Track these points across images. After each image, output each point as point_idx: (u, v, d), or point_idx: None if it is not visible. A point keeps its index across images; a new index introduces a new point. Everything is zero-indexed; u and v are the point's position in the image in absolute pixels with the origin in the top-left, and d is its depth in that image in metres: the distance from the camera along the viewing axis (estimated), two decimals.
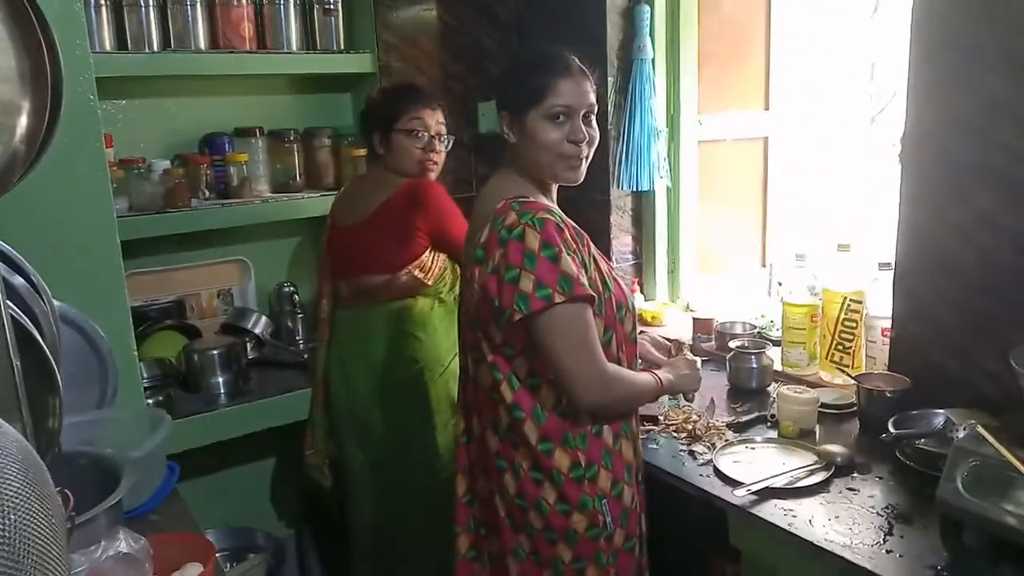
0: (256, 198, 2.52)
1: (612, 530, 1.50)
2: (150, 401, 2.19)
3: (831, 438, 1.77)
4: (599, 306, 1.47)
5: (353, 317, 2.20)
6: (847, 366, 1.99)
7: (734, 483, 1.57)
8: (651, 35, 2.50)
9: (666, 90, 2.60)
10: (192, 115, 2.54)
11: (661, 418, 1.92)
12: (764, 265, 2.84)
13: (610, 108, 2.55)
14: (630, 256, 2.72)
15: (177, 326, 2.47)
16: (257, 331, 2.56)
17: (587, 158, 1.51)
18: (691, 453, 1.75)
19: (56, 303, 1.41)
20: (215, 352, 2.33)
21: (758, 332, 2.30)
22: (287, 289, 2.70)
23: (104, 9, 2.23)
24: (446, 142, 2.15)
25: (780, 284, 2.46)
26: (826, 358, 2.04)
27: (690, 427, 1.84)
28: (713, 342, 2.37)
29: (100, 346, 1.36)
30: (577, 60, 1.51)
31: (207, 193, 2.46)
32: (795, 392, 1.82)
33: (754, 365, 2.07)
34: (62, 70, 0.99)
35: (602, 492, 1.49)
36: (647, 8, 2.49)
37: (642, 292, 2.71)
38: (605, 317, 1.49)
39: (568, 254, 1.40)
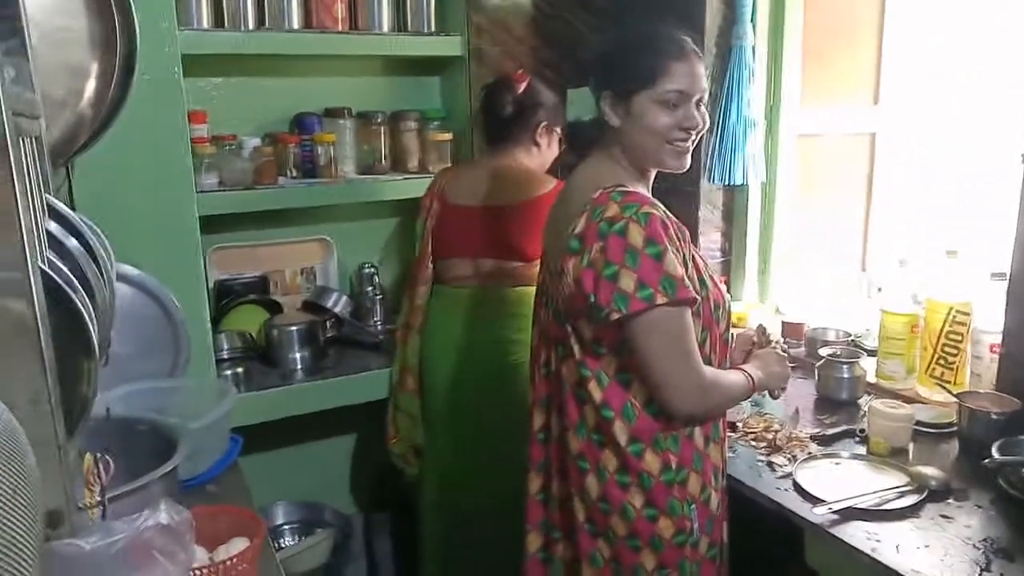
0: (341, 178, 2.53)
1: (698, 537, 1.43)
2: (228, 373, 2.25)
3: (926, 459, 1.64)
4: (698, 307, 1.39)
5: (468, 296, 2.14)
6: (948, 382, 1.83)
7: (814, 500, 1.47)
8: (753, 21, 2.37)
9: (766, 80, 2.46)
10: (284, 94, 2.57)
11: (740, 425, 1.81)
12: (864, 270, 2.67)
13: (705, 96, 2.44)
14: (718, 253, 2.60)
15: (260, 301, 2.51)
16: (337, 310, 2.57)
17: (694, 144, 1.44)
18: (770, 464, 1.64)
19: (132, 270, 1.44)
20: (294, 328, 2.35)
21: (852, 340, 2.16)
22: (368, 270, 2.71)
23: None
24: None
25: (879, 290, 2.30)
26: (926, 372, 1.88)
27: (770, 436, 1.74)
28: (803, 348, 2.24)
29: (174, 315, 1.38)
30: (691, 41, 1.44)
31: (294, 172, 2.48)
32: (888, 407, 1.69)
33: (845, 375, 1.93)
34: (138, 38, 0.99)
35: (691, 497, 1.42)
36: None
37: (729, 291, 2.58)
38: (703, 318, 1.41)
39: (672, 253, 1.32)
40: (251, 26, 2.35)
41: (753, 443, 1.74)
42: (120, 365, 1.18)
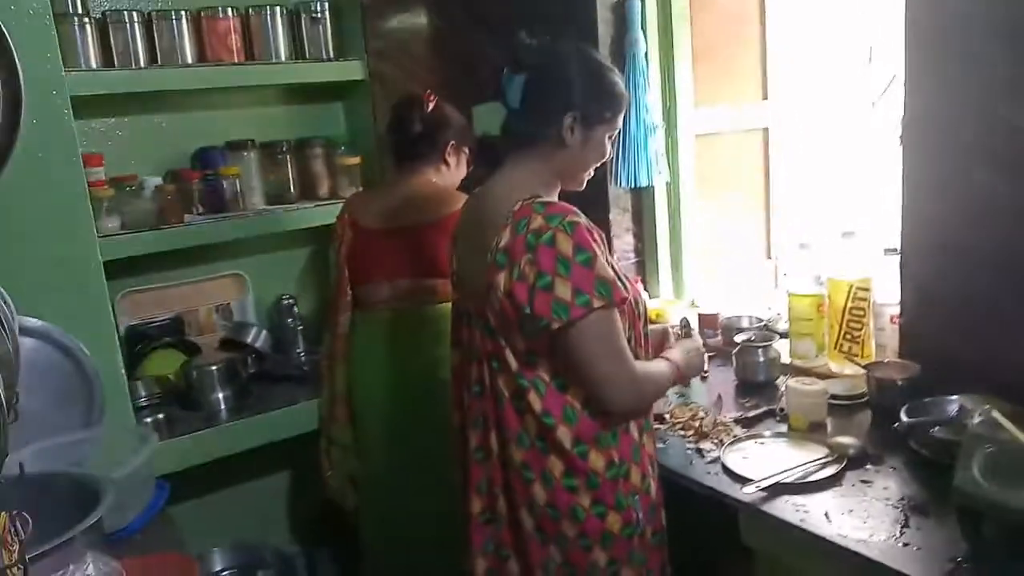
0: (249, 211, 2.49)
1: (643, 527, 1.49)
2: (148, 420, 2.17)
3: (843, 430, 1.72)
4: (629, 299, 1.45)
5: (390, 319, 2.13)
6: (856, 356, 1.93)
7: (743, 480, 1.52)
8: (643, 28, 2.46)
9: (661, 84, 2.55)
10: (184, 130, 2.52)
11: (668, 416, 1.86)
12: (770, 257, 2.79)
13: None
14: (632, 254, 2.67)
15: (176, 343, 2.44)
16: (257, 345, 2.52)
17: None
18: (698, 451, 1.69)
19: (35, 322, 1.38)
20: (214, 368, 2.29)
21: (764, 325, 2.25)
22: (286, 302, 2.67)
23: (88, 27, 2.20)
24: None
25: (785, 276, 2.41)
26: (835, 348, 1.98)
27: (697, 424, 1.79)
28: (719, 337, 2.31)
29: (85, 364, 1.33)
30: None
31: (200, 208, 2.43)
32: (803, 384, 1.77)
33: (760, 359, 2.02)
34: (21, 83, 0.96)
35: (635, 489, 1.47)
36: (638, 1, 2.44)
37: (646, 290, 2.65)
38: (628, 315, 1.46)
39: (601, 257, 1.37)
40: (142, 63, 2.30)
41: (682, 432, 1.79)
42: (31, 420, 1.13)
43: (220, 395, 2.30)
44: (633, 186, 2.55)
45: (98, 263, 1.62)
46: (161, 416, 2.20)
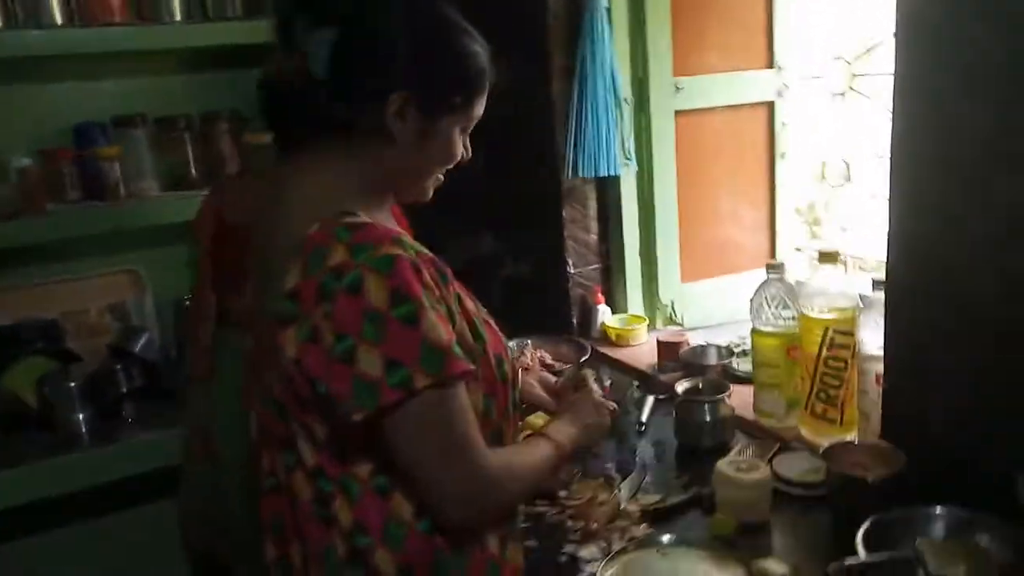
0: (137, 198, 2.13)
1: None
2: None
3: (789, 539, 1.23)
4: (475, 371, 0.99)
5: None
6: (834, 421, 1.42)
7: None
8: None
9: (630, 49, 2.03)
10: (64, 103, 2.17)
11: (564, 493, 1.40)
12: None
13: (555, 73, 2.02)
14: (594, 259, 2.18)
15: (47, 350, 2.11)
16: (146, 356, 2.17)
17: None
18: (573, 560, 1.23)
19: None
20: (73, 384, 1.96)
21: (726, 365, 1.74)
22: (189, 303, 2.30)
23: None
24: None
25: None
26: (806, 409, 1.47)
27: (592, 513, 1.32)
28: (680, 374, 1.82)
29: None
30: None
31: (73, 194, 2.08)
32: (738, 470, 1.27)
33: (707, 418, 1.52)
34: None
35: None
36: None
37: (608, 303, 2.17)
38: (483, 381, 1.02)
39: (432, 307, 0.92)
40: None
41: (569, 522, 1.33)
42: None
43: (80, 416, 1.96)
44: (593, 175, 2.06)
45: None
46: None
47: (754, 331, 1.54)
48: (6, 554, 1.98)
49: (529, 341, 2.05)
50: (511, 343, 2.04)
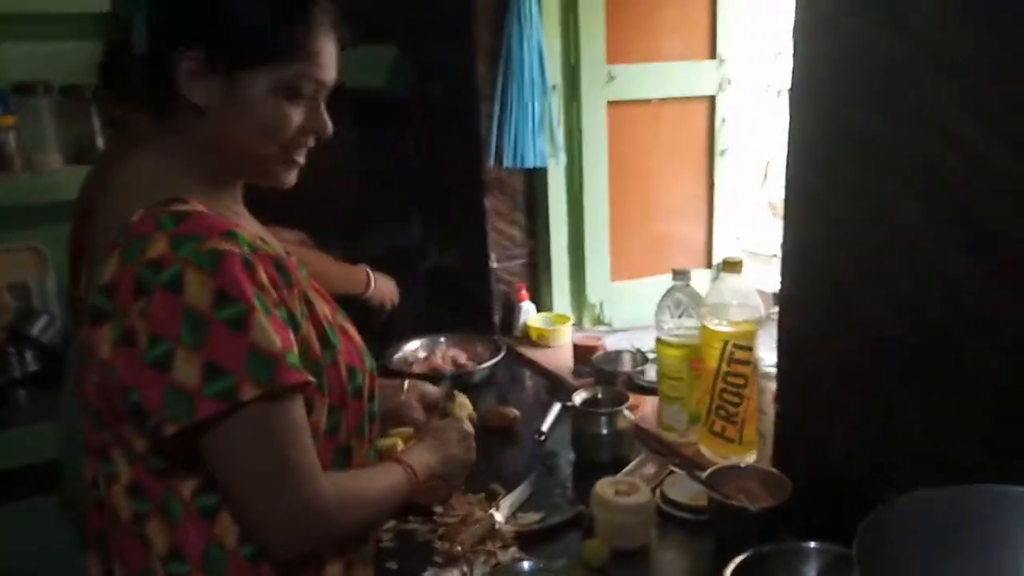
0: (37, 171, 2.00)
1: None
2: None
3: (670, 566, 1.14)
4: (319, 383, 0.89)
5: None
6: (732, 440, 1.33)
7: None
8: None
9: (561, 32, 1.92)
10: None
11: (439, 509, 1.31)
12: (710, 265, 2.15)
13: (479, 57, 1.91)
14: (519, 254, 2.08)
15: None
16: (44, 339, 2.06)
17: None
18: None
19: None
20: None
21: (630, 375, 1.64)
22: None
23: None
24: None
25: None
26: (705, 426, 1.38)
27: (464, 532, 1.23)
28: (592, 379, 1.72)
29: None
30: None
31: None
32: (616, 492, 1.18)
33: (603, 431, 1.42)
34: None
35: None
36: None
37: (533, 301, 2.07)
38: (330, 393, 0.91)
39: (266, 309, 0.82)
40: None
41: (438, 542, 1.23)
42: None
43: None
44: (519, 166, 1.95)
45: None
46: None
47: (658, 341, 1.45)
48: None
49: (443, 339, 1.96)
50: (424, 339, 1.96)
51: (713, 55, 2.03)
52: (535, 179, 2.03)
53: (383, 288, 1.88)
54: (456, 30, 1.94)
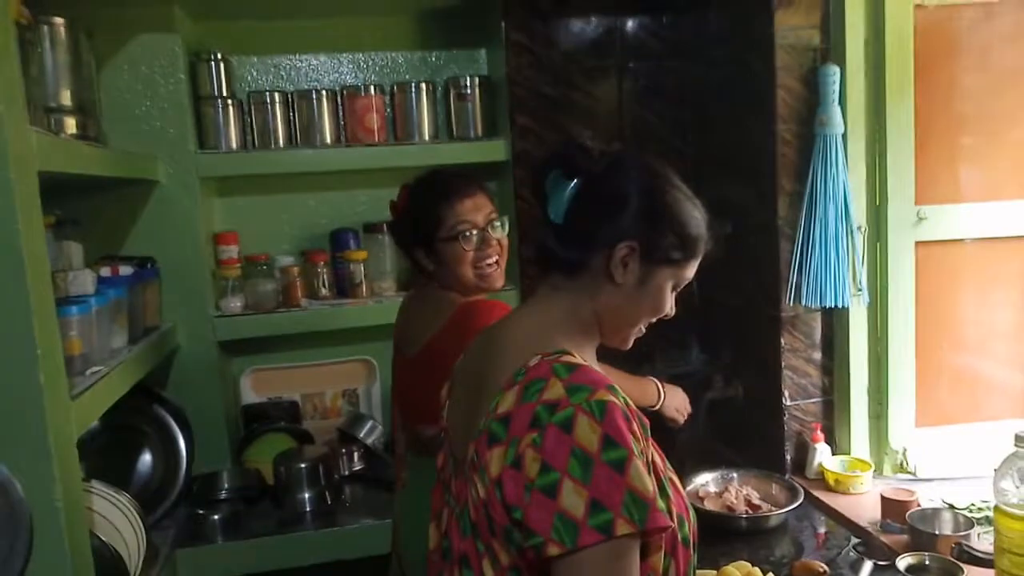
0: (376, 297, 2.35)
1: None
2: (216, 516, 2.07)
3: None
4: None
5: (417, 469, 1.74)
6: None
7: None
8: (842, 104, 1.87)
9: (867, 175, 1.93)
10: (323, 210, 2.47)
11: None
12: None
13: (781, 198, 1.96)
14: (815, 392, 2.04)
15: (287, 428, 2.35)
16: (369, 441, 2.34)
17: None
18: None
19: None
20: (302, 466, 2.14)
21: (958, 541, 1.52)
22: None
23: (231, 107, 2.22)
24: (501, 228, 1.67)
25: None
26: None
27: None
28: (906, 536, 1.63)
29: (10, 490, 1.19)
30: None
31: (325, 291, 2.34)
32: None
33: None
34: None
35: None
36: (835, 69, 1.87)
37: (828, 443, 2.00)
38: (665, 541, 1.00)
39: (640, 456, 0.94)
40: (281, 144, 2.28)
41: None
42: None
43: (306, 495, 2.14)
44: (819, 305, 1.95)
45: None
46: (228, 512, 2.08)
47: (997, 510, 1.35)
48: None
49: (735, 475, 1.95)
50: (715, 473, 1.96)
51: None
52: (834, 318, 2.00)
53: (674, 400, 1.91)
54: (756, 174, 2.02)
